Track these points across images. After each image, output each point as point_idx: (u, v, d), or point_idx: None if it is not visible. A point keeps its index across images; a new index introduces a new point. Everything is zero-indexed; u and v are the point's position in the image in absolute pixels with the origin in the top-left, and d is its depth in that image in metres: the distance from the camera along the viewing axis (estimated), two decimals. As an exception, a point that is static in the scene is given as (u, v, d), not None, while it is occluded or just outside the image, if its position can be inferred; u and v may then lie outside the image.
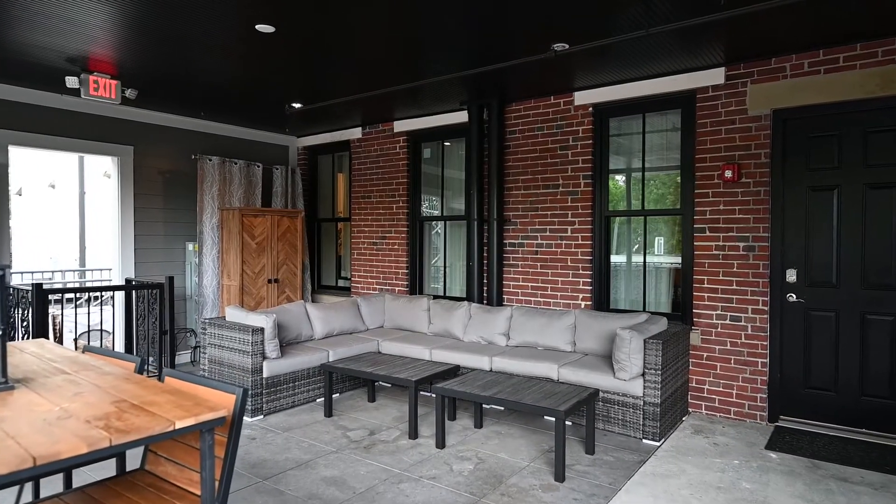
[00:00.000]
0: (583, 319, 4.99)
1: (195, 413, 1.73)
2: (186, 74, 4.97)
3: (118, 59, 4.55)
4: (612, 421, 4.27)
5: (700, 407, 4.78)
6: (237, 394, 1.80)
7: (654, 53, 4.35)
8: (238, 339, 4.71)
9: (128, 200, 6.19)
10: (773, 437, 4.21)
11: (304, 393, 5.00)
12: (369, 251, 7.12)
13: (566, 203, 5.50)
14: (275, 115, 6.53)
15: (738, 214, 4.61)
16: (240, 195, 6.90)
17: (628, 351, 4.13)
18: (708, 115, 4.74)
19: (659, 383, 4.06)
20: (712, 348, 4.73)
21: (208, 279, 6.59)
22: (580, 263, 5.43)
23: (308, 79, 5.09)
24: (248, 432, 4.32)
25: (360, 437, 4.24)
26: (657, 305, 5.23)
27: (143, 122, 6.28)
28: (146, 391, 1.94)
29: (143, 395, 1.90)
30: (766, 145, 4.49)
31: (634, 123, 5.30)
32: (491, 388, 3.95)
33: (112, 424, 1.62)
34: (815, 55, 4.29)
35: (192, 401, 1.83)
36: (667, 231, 5.20)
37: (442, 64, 4.63)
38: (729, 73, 4.63)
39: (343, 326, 5.88)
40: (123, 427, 1.60)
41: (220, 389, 1.85)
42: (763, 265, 4.52)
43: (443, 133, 6.52)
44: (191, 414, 1.72)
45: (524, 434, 4.30)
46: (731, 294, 4.65)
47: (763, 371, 4.53)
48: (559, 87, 5.33)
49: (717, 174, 4.69)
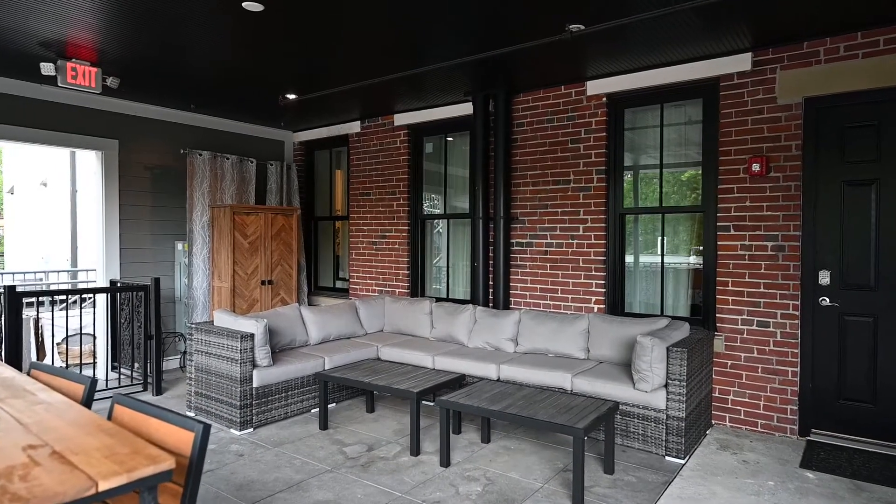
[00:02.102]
0: (597, 324, 4.65)
1: (130, 467, 1.33)
2: (172, 61, 4.63)
3: (97, 43, 4.21)
4: (631, 436, 3.93)
5: (724, 419, 4.44)
6: (196, 431, 1.43)
7: (675, 37, 4.01)
8: (226, 346, 4.36)
9: (112, 197, 5.84)
10: (807, 453, 3.87)
11: (297, 403, 4.65)
12: (368, 251, 6.77)
13: (578, 200, 5.16)
14: (269, 108, 6.18)
15: (766, 211, 4.27)
16: (232, 192, 6.56)
17: (650, 360, 3.79)
18: (733, 104, 4.39)
19: (683, 395, 3.72)
20: (737, 356, 4.39)
21: (199, 280, 6.25)
22: (593, 264, 5.09)
23: (302, 66, 4.75)
24: (235, 448, 3.97)
25: (358, 453, 3.90)
26: (675, 309, 4.89)
27: (129, 114, 5.94)
28: (80, 430, 1.59)
29: (72, 437, 1.54)
30: (798, 136, 4.15)
31: (651, 115, 4.95)
32: (500, 400, 3.61)
33: (8, 488, 1.23)
34: (852, 38, 3.94)
35: (130, 447, 1.44)
36: (686, 230, 4.85)
37: (446, 47, 4.29)
38: (756, 58, 4.28)
39: (340, 331, 5.53)
40: (23, 493, 1.21)
41: (178, 425, 1.47)
42: (793, 266, 4.17)
43: (446, 126, 6.18)
44: (124, 468, 1.33)
45: (536, 450, 3.96)
46: (759, 297, 4.31)
47: (793, 381, 4.18)
48: (570, 76, 4.99)
49: (743, 168, 4.35)
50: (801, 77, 4.11)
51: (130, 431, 1.50)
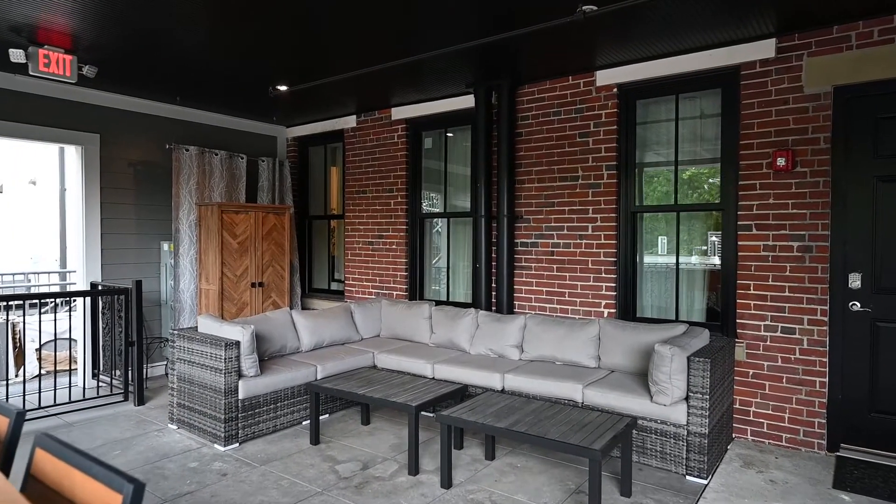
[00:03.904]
0: (608, 330, 4.34)
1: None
2: (155, 49, 4.31)
3: (72, 28, 3.89)
4: (648, 453, 3.62)
5: (745, 432, 4.13)
6: (126, 494, 1.09)
7: (693, 21, 3.70)
8: (209, 355, 4.05)
9: (93, 195, 5.52)
10: (839, 471, 3.56)
11: (287, 415, 4.34)
12: (364, 251, 6.46)
13: (586, 197, 4.85)
14: (259, 101, 5.86)
15: (791, 209, 3.96)
16: (221, 189, 6.24)
17: (669, 371, 3.48)
18: (755, 94, 4.08)
19: (706, 409, 3.41)
20: (760, 364, 4.08)
21: (185, 283, 5.92)
22: (603, 266, 4.78)
23: (292, 53, 4.43)
24: (218, 466, 3.66)
25: (351, 472, 3.58)
26: (689, 314, 4.58)
27: (111, 106, 5.61)
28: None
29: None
30: (826, 128, 3.84)
31: (664, 108, 4.64)
32: (507, 416, 3.30)
33: None
34: (888, 21, 3.63)
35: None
36: (702, 229, 4.55)
37: (446, 32, 3.97)
38: (781, 44, 3.97)
39: (334, 336, 5.22)
40: None
41: (106, 483, 1.12)
42: (821, 268, 3.87)
43: (446, 120, 5.86)
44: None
45: (545, 468, 3.64)
46: (783, 302, 4.00)
47: (821, 392, 3.88)
48: (579, 65, 4.68)
49: (767, 163, 4.04)
50: (830, 64, 3.81)
51: (50, 487, 1.16)
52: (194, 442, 4.07)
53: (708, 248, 4.53)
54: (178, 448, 3.95)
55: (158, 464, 3.68)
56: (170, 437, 4.16)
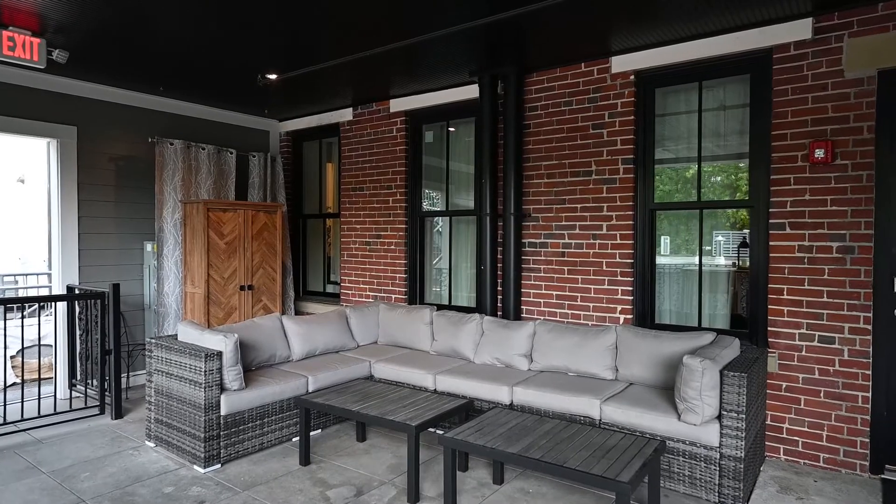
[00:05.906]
0: (626, 338, 3.97)
1: None
2: (129, 29, 3.94)
3: (40, 7, 3.52)
4: (675, 477, 3.25)
5: (777, 451, 3.76)
6: None
7: (719, 0, 3.34)
8: (188, 367, 3.67)
9: (70, 192, 5.15)
10: (887, 497, 3.20)
11: (276, 432, 3.97)
12: (362, 252, 6.09)
13: (601, 194, 4.48)
14: (249, 92, 5.49)
15: (830, 206, 3.60)
16: (209, 186, 5.86)
17: (699, 387, 3.11)
18: (789, 79, 3.72)
19: (742, 430, 3.04)
20: (794, 377, 3.72)
21: (170, 286, 5.55)
22: (618, 268, 4.41)
23: (281, 35, 4.06)
24: (196, 491, 3.29)
25: (344, 498, 3.21)
26: (712, 320, 4.21)
27: (89, 97, 5.23)
28: None
29: None
30: (870, 116, 3.47)
31: (684, 96, 4.28)
32: (519, 439, 2.93)
33: None
34: (942, -4, 3.27)
35: None
36: (728, 228, 4.18)
37: (448, 10, 3.60)
38: (818, 24, 3.61)
39: (328, 344, 4.84)
40: None
41: None
42: (864, 272, 3.50)
43: (448, 112, 5.48)
44: None
45: (560, 493, 3.27)
46: (821, 308, 3.63)
47: (864, 408, 3.51)
48: (592, 51, 4.31)
49: (803, 155, 3.67)
50: (874, 45, 3.44)
51: None
52: (172, 462, 3.70)
53: (712, 248, 4.19)
54: (153, 469, 3.58)
55: (129, 489, 3.30)
56: (146, 457, 3.79)
